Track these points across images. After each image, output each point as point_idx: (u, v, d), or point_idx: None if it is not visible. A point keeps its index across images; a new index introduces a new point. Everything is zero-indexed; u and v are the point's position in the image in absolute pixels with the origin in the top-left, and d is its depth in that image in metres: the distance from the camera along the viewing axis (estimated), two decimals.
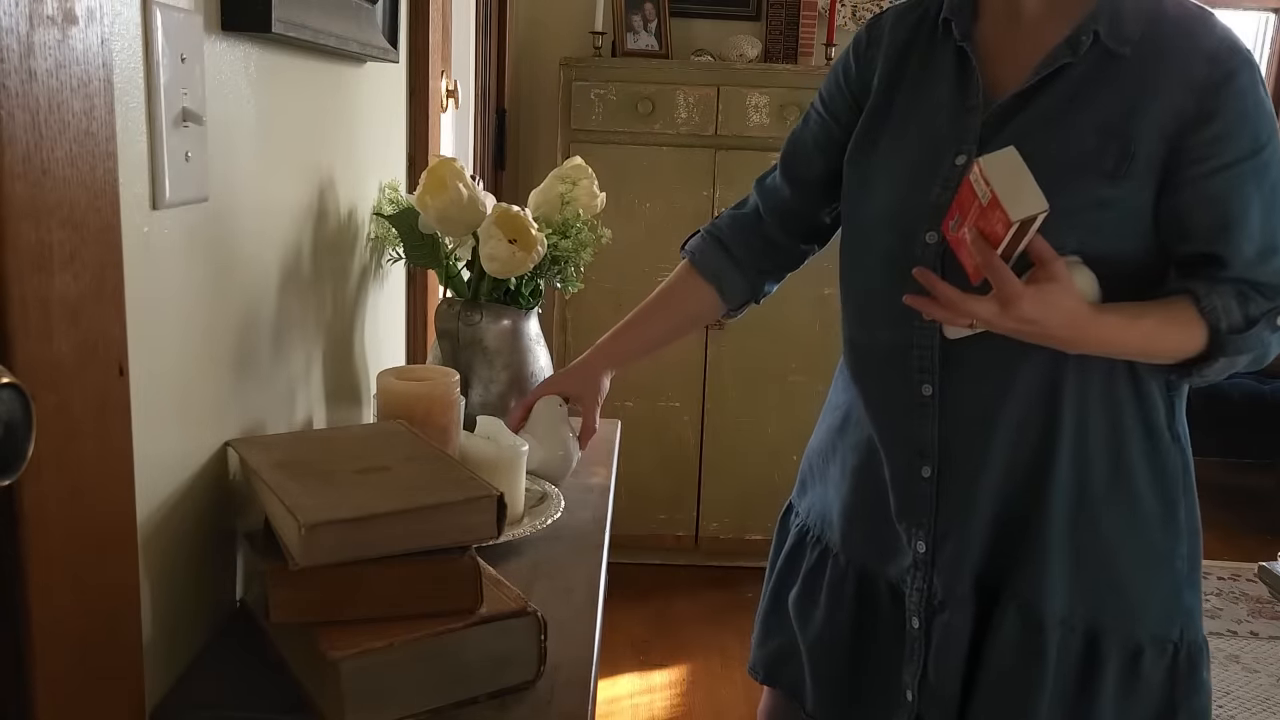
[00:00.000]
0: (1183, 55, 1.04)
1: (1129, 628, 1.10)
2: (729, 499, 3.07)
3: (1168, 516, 1.12)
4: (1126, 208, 1.04)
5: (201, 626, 0.94)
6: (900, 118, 1.16)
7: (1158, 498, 1.11)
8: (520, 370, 1.42)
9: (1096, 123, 1.04)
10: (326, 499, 0.84)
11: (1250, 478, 4.19)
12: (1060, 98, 1.06)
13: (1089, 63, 1.06)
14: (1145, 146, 1.03)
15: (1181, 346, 1.05)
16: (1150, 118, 1.03)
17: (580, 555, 1.15)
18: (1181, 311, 1.04)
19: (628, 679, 2.57)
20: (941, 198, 1.09)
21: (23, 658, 0.64)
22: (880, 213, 1.15)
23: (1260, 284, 1.06)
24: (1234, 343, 1.04)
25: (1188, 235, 1.05)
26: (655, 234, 2.90)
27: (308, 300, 1.18)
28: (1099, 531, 1.10)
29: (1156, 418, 1.11)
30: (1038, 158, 1.03)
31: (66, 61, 0.63)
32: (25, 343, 0.61)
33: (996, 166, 0.96)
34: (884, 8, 1.51)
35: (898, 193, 1.13)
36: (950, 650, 1.14)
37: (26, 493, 0.62)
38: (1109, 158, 1.04)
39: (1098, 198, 1.04)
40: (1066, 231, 1.03)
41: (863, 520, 1.22)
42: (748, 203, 1.36)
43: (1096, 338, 1.02)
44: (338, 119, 1.26)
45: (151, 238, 0.80)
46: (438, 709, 0.83)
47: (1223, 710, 2.52)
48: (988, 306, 0.98)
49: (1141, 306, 1.05)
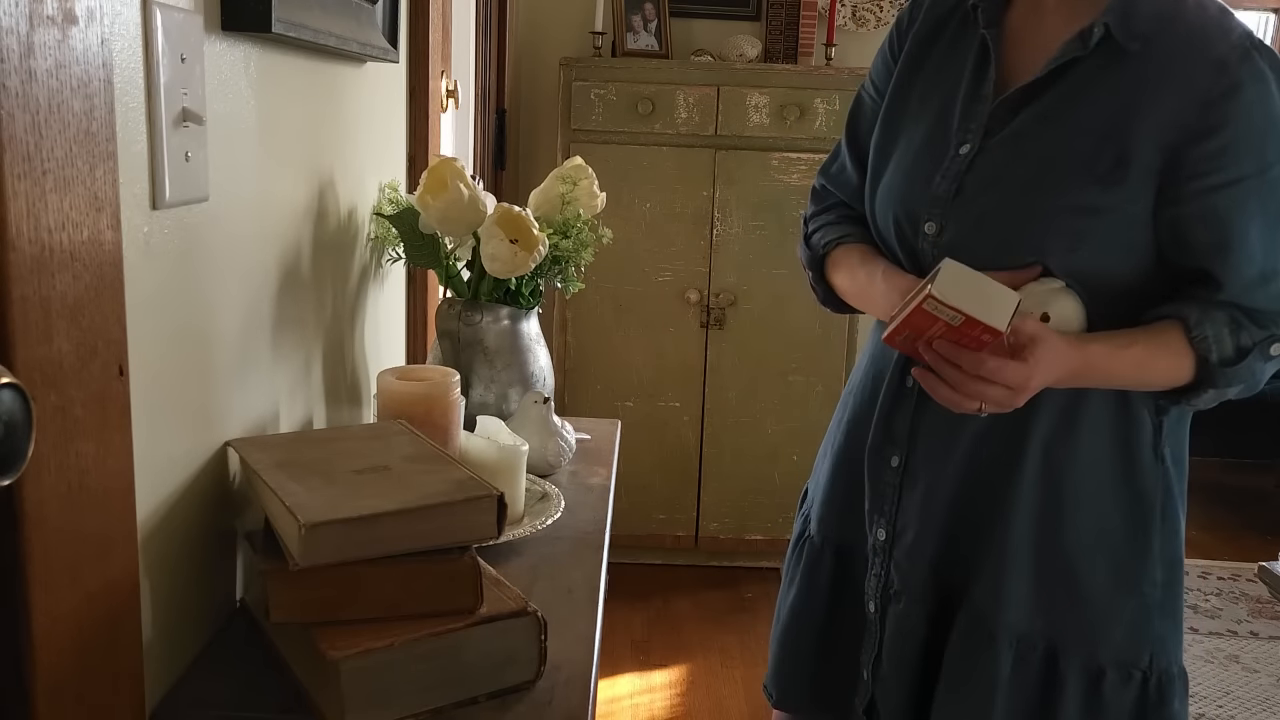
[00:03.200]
0: (1191, 60, 0.98)
1: (1091, 649, 1.07)
2: (729, 499, 3.07)
3: (1138, 538, 1.08)
4: (1117, 218, 1.00)
5: (201, 626, 0.94)
6: (919, 101, 1.14)
7: (1128, 518, 1.08)
8: (520, 370, 1.42)
9: (1095, 124, 1.01)
10: (326, 499, 0.84)
11: (1250, 478, 4.19)
12: (1065, 94, 1.03)
13: (1098, 59, 1.02)
14: (1142, 154, 0.99)
15: (1170, 377, 1.02)
16: (1149, 124, 0.98)
17: (580, 555, 1.15)
18: (1171, 340, 1.00)
19: (628, 679, 2.57)
20: (940, 188, 1.07)
21: (23, 658, 0.64)
22: (886, 197, 1.14)
23: (1255, 310, 1.01)
24: (1224, 375, 1.01)
25: (1184, 251, 1.01)
26: (655, 234, 2.90)
27: (308, 300, 1.18)
28: (1062, 544, 1.07)
29: (1137, 436, 1.07)
30: (1032, 155, 1.01)
31: (66, 61, 0.63)
32: (25, 343, 0.61)
33: (952, 288, 0.92)
34: (884, 8, 1.50)
35: (904, 178, 1.12)
36: (904, 641, 1.13)
37: (26, 493, 0.62)
38: (1103, 162, 1.00)
39: (1088, 203, 1.00)
40: (1052, 236, 1.00)
41: (840, 501, 1.23)
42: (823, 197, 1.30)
43: (1087, 373, 1.00)
44: (338, 119, 1.26)
45: (151, 238, 0.80)
46: (438, 709, 0.83)
47: (1223, 710, 2.52)
48: (998, 393, 0.95)
49: (1129, 335, 1.01)
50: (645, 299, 2.93)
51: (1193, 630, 2.90)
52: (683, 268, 2.91)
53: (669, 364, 2.98)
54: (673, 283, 2.93)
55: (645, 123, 2.86)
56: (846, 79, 2.86)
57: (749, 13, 3.19)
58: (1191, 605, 3.05)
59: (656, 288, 2.93)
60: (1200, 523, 3.66)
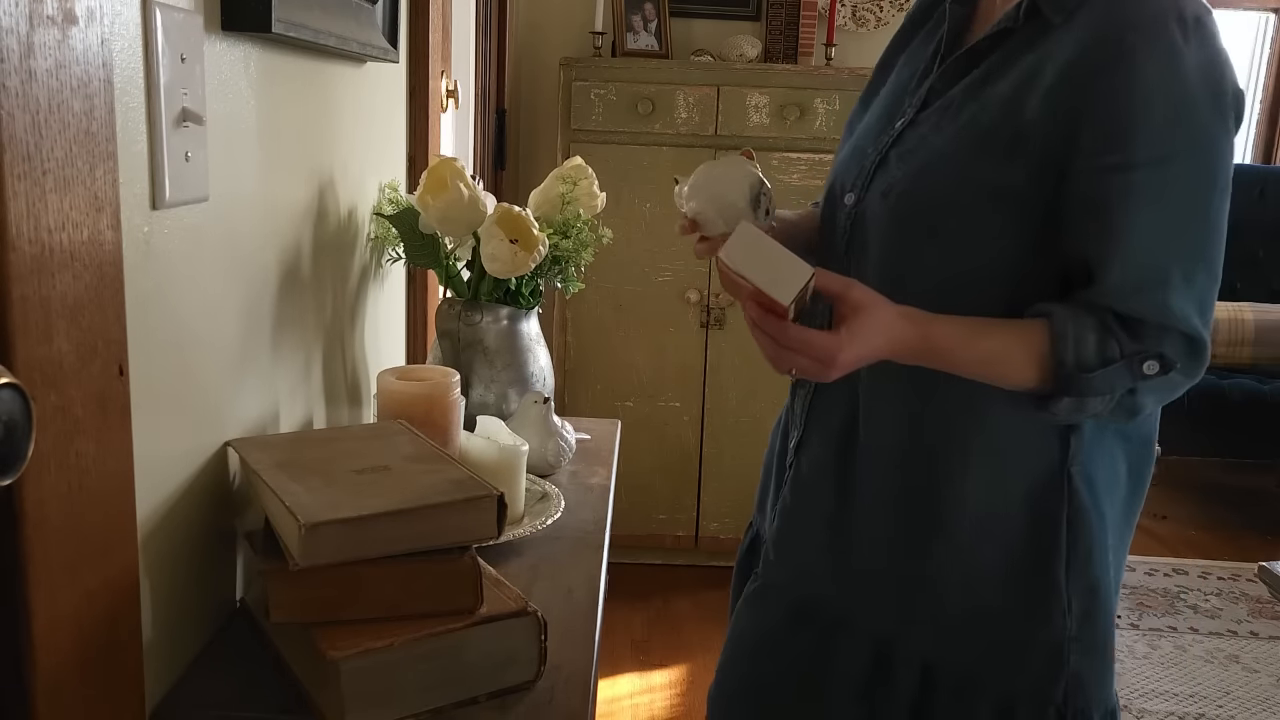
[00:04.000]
0: (1101, 25, 0.89)
1: (1005, 677, 1.01)
2: (729, 499, 3.07)
3: (1040, 567, 0.99)
4: (1018, 207, 0.93)
5: (201, 626, 0.94)
6: (890, 82, 1.13)
7: (1024, 535, 0.99)
8: (520, 370, 1.42)
9: (1003, 97, 0.94)
10: (326, 499, 0.84)
11: (1250, 478, 4.19)
12: (993, 66, 0.97)
13: (1028, 31, 0.95)
14: (1038, 129, 0.90)
15: (1023, 375, 0.92)
16: (1049, 94, 0.90)
17: (580, 555, 1.15)
18: (1031, 336, 0.91)
19: (628, 679, 2.57)
20: (869, 159, 1.05)
21: (23, 658, 0.64)
22: (831, 174, 1.13)
23: (1129, 319, 0.90)
24: (1079, 382, 0.90)
25: (1066, 238, 0.93)
26: (655, 234, 2.90)
27: (308, 300, 1.18)
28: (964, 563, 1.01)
29: (1041, 449, 0.98)
30: (947, 129, 0.98)
31: (66, 61, 0.63)
32: (25, 343, 0.61)
33: (740, 255, 0.87)
34: (883, 8, 1.50)
35: (850, 151, 1.11)
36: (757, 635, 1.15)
37: (26, 493, 0.62)
38: (1002, 136, 0.92)
39: (991, 185, 0.93)
40: (947, 215, 0.95)
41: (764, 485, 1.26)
42: None
43: (926, 353, 0.93)
44: (338, 119, 1.26)
45: (151, 238, 0.80)
46: (438, 709, 0.83)
47: (1223, 710, 2.51)
48: (806, 363, 0.89)
49: (988, 323, 0.93)
50: (645, 299, 2.93)
51: (1193, 630, 2.90)
52: (683, 268, 2.91)
53: (669, 364, 2.98)
54: (673, 283, 2.93)
55: (645, 123, 2.86)
56: (846, 79, 2.85)
57: (749, 13, 3.19)
58: (1191, 605, 3.04)
59: (656, 288, 2.93)
60: (1200, 523, 3.66)
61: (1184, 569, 3.28)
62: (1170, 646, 2.80)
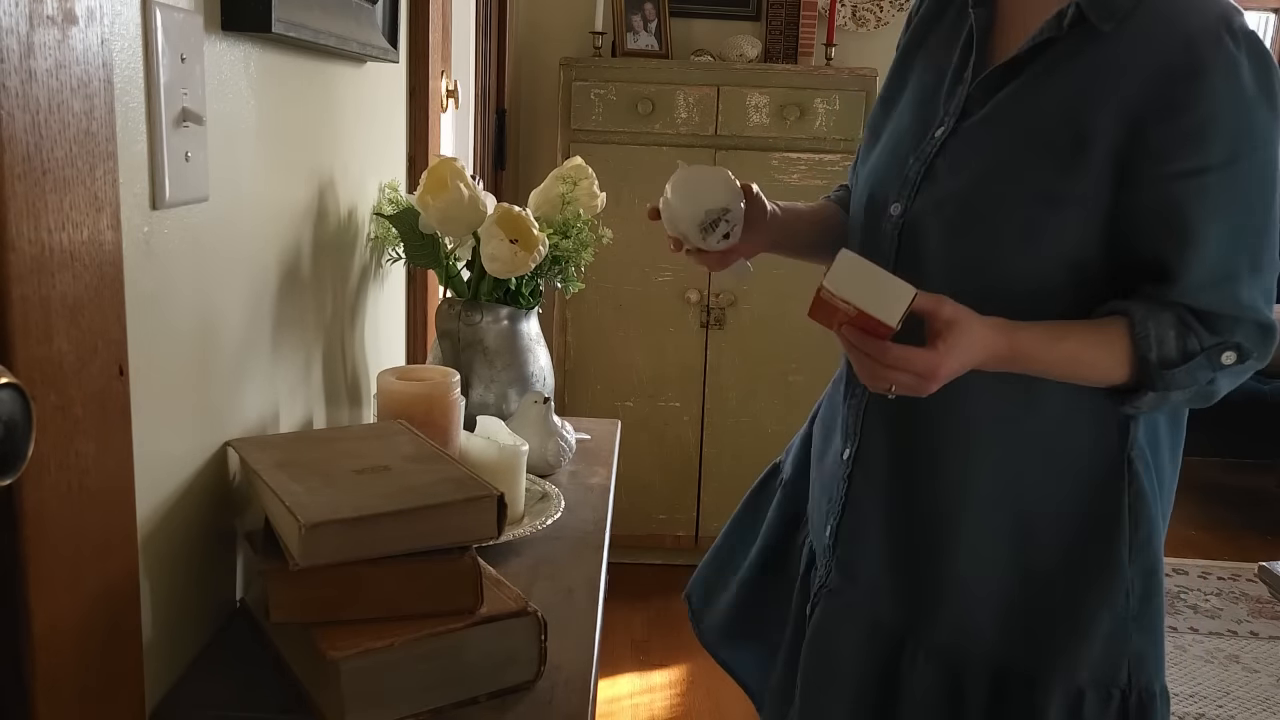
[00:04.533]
0: (1159, 36, 0.93)
1: (1067, 670, 1.03)
2: (729, 499, 3.05)
3: (1105, 556, 1.03)
4: (1075, 212, 0.95)
5: (201, 626, 0.94)
6: (914, 82, 1.13)
7: (1089, 528, 1.03)
8: (520, 370, 1.42)
9: (1058, 105, 0.96)
10: (326, 499, 0.84)
11: (1250, 478, 4.19)
12: (1039, 75, 0.99)
13: (1073, 39, 0.97)
14: (1102, 136, 0.93)
15: (1107, 374, 0.96)
16: (1113, 104, 0.93)
17: (580, 555, 1.15)
18: (1111, 335, 0.95)
19: (628, 679, 2.57)
20: (912, 169, 1.06)
21: (23, 658, 0.64)
22: (867, 177, 1.14)
23: (1207, 313, 0.95)
24: (1164, 377, 0.94)
25: (1139, 242, 0.96)
26: (655, 234, 2.89)
27: (308, 300, 1.18)
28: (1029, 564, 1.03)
29: (1100, 441, 1.02)
30: (998, 139, 0.99)
31: (66, 61, 0.63)
32: (25, 343, 0.61)
33: (843, 281, 0.91)
34: (883, 8, 1.50)
35: (885, 159, 1.11)
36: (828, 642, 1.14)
37: (26, 493, 0.62)
38: (1062, 144, 0.95)
39: (1048, 192, 0.96)
40: (1005, 224, 0.97)
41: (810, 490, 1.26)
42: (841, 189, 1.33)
43: (1015, 360, 0.96)
44: (338, 119, 1.26)
45: (151, 238, 0.80)
46: (438, 709, 0.83)
47: (1223, 710, 2.52)
48: (908, 379, 0.92)
49: (1068, 326, 0.97)
50: (645, 299, 2.93)
51: (1193, 630, 2.90)
52: (682, 268, 2.91)
53: (669, 364, 2.98)
54: (673, 283, 2.93)
55: (645, 123, 2.86)
56: (846, 79, 2.85)
57: (749, 13, 3.19)
58: (1191, 605, 3.04)
59: (656, 288, 2.93)
60: (1200, 523, 3.66)
61: (1184, 569, 3.28)
62: (1170, 646, 2.80)
